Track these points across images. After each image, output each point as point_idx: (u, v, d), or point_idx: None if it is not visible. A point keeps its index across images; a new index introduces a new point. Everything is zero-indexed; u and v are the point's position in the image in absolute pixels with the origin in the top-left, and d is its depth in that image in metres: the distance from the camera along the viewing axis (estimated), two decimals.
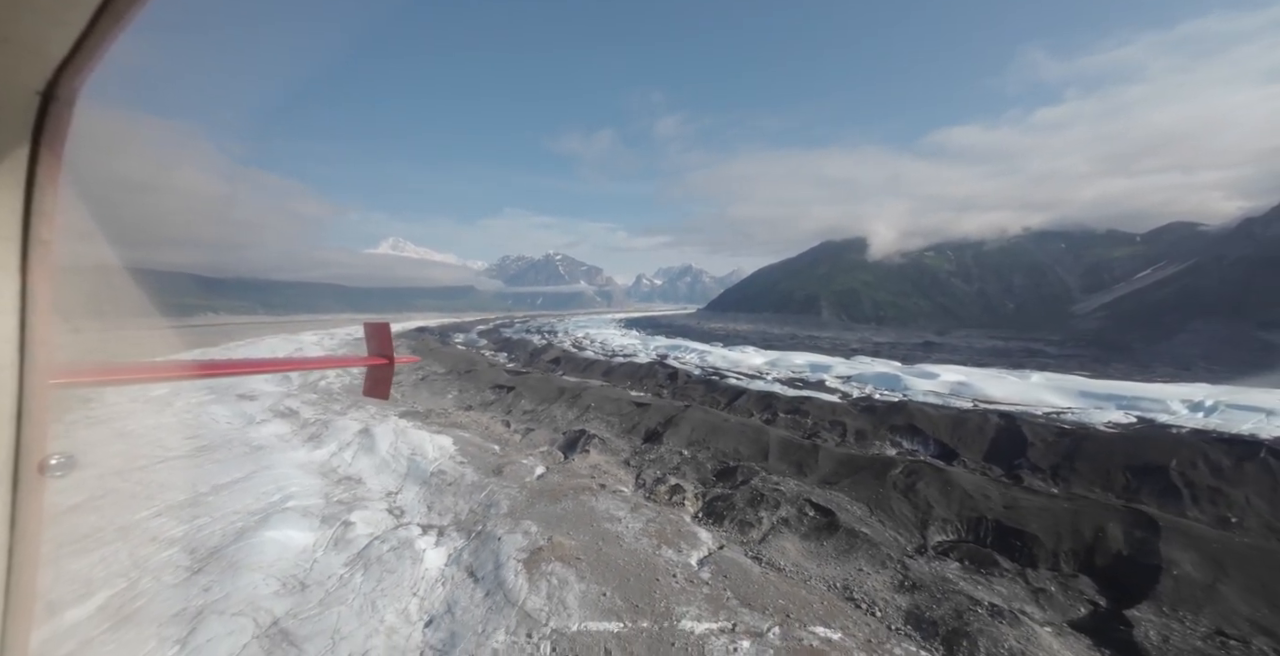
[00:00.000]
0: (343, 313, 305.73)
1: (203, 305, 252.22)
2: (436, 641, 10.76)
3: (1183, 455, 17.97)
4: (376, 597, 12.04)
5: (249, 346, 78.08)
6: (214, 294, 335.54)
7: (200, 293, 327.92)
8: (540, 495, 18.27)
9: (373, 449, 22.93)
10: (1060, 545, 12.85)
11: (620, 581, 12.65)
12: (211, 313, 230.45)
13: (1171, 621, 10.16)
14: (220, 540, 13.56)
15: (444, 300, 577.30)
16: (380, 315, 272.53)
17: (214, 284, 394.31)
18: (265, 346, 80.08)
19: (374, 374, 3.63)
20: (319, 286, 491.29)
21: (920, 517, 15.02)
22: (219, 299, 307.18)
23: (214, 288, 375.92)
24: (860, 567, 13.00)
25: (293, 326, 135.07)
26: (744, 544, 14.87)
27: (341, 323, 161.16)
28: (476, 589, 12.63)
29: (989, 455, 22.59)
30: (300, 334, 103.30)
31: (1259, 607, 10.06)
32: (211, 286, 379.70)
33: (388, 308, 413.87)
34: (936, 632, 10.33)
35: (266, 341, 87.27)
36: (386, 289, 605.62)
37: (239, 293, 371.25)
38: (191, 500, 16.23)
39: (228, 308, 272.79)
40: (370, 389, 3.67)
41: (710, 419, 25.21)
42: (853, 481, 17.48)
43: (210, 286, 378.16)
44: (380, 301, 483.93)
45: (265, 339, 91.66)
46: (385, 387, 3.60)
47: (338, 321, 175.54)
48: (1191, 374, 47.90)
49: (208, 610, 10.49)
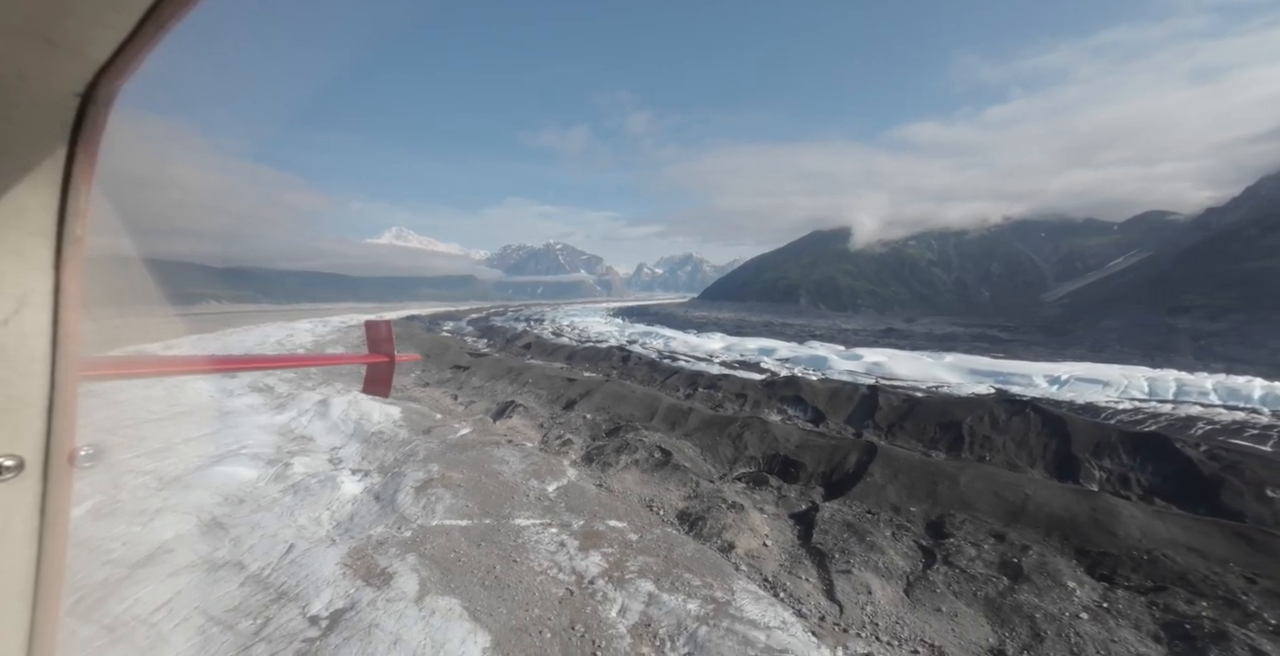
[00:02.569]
0: (343, 301, 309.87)
1: (206, 294, 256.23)
2: (335, 533, 14.80)
3: (976, 413, 21.88)
4: (296, 509, 16.07)
5: (244, 333, 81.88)
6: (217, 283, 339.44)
7: (203, 282, 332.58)
8: (454, 447, 22.28)
9: (326, 415, 26.97)
10: (817, 468, 16.84)
11: (483, 498, 16.68)
12: (215, 301, 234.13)
13: (844, 506, 14.15)
14: (181, 472, 17.65)
15: (445, 289, 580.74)
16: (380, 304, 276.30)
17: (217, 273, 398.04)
18: (260, 333, 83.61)
19: (375, 371, 3.60)
20: (320, 276, 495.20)
21: (735, 456, 19.02)
22: (222, 288, 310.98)
23: (217, 277, 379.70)
24: (669, 488, 17.02)
25: (291, 315, 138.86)
26: (597, 477, 18.89)
27: (339, 311, 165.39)
28: (375, 505, 16.66)
29: (849, 418, 26.54)
30: (296, 322, 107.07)
31: (904, 497, 14.03)
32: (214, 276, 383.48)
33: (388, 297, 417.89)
34: (687, 521, 14.37)
35: (262, 329, 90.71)
36: (387, 278, 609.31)
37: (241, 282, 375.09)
38: (164, 447, 20.32)
39: (230, 296, 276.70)
40: (371, 386, 3.63)
41: (620, 390, 29.19)
42: (702, 433, 21.46)
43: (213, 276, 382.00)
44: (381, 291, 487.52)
45: (261, 327, 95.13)
46: (386, 386, 3.57)
47: (335, 310, 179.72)
48: (1102, 355, 51.60)
49: (164, 510, 14.57)
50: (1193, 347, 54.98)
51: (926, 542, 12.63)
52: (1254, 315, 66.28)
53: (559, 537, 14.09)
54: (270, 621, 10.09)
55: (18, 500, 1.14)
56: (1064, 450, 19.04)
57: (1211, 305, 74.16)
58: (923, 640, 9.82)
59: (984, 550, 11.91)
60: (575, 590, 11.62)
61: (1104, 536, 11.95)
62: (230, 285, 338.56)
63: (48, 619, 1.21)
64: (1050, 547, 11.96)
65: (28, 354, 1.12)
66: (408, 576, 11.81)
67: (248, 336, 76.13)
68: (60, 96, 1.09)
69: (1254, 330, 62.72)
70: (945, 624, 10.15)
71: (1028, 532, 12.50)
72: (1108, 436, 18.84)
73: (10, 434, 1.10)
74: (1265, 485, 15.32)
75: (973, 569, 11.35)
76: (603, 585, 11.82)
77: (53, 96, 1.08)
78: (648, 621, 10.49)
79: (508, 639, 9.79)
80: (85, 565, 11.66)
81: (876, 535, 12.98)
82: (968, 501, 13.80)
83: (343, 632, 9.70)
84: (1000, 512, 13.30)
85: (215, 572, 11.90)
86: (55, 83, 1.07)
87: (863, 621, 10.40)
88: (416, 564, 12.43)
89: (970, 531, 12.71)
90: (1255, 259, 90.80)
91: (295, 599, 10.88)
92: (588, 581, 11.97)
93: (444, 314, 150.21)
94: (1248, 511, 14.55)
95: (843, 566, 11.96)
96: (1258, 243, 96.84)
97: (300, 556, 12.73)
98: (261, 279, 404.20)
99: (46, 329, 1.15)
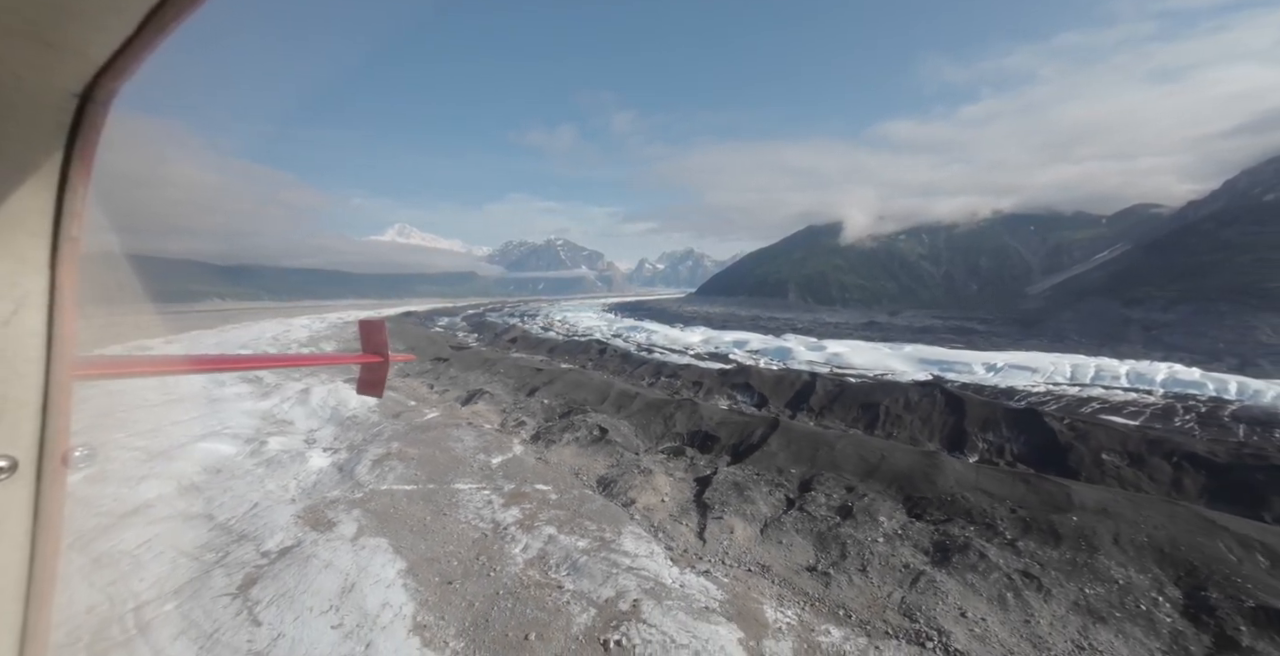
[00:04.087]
0: (344, 298, 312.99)
1: (210, 291, 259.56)
2: (297, 495, 17.06)
3: (892, 396, 24.05)
4: (266, 478, 18.35)
5: (242, 329, 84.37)
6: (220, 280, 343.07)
7: (207, 279, 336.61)
8: (418, 429, 24.54)
9: (307, 402, 29.30)
10: (729, 440, 19.05)
11: (432, 469, 18.94)
12: (218, 299, 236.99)
13: (740, 470, 16.38)
14: (167, 448, 19.96)
15: (445, 286, 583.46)
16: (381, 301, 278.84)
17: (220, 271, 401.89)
18: (257, 329, 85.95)
19: (368, 372, 3.60)
20: (321, 273, 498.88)
21: (664, 432, 21.24)
22: (225, 285, 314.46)
23: (220, 274, 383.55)
24: (597, 459, 19.24)
25: (290, 312, 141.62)
26: (539, 452, 21.11)
27: (338, 308, 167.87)
28: (337, 475, 18.92)
29: (789, 402, 28.72)
30: (295, 318, 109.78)
31: (789, 461, 16.28)
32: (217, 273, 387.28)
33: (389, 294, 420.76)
34: (604, 484, 16.61)
35: (260, 325, 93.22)
36: (389, 275, 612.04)
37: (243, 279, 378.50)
38: (154, 429, 22.64)
39: (233, 294, 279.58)
40: (364, 387, 3.62)
41: (580, 378, 31.42)
42: (641, 414, 23.68)
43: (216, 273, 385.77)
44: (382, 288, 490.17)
45: (260, 323, 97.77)
46: (380, 386, 3.55)
47: (335, 307, 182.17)
48: (1060, 345, 53.59)
49: (149, 477, 16.88)
50: (1143, 337, 57.09)
51: (793, 495, 14.84)
52: (1201, 306, 68.37)
53: (489, 497, 16.35)
54: (230, 554, 12.38)
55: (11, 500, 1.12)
56: (959, 426, 21.18)
57: (1164, 297, 76.45)
58: (758, 563, 12.06)
59: (832, 498, 14.11)
60: (489, 533, 13.87)
61: (928, 485, 14.13)
62: (232, 282, 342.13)
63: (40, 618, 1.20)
64: (884, 495, 14.14)
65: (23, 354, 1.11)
66: (349, 524, 14.09)
67: (245, 332, 78.56)
68: (58, 97, 1.08)
69: (1198, 320, 64.81)
70: (781, 551, 12.37)
71: (874, 485, 14.69)
72: (994, 413, 20.98)
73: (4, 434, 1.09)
74: (1102, 450, 17.53)
75: (817, 512, 13.55)
76: (514, 530, 14.06)
77: (51, 97, 1.07)
78: (542, 554, 12.73)
79: (421, 565, 12.05)
80: (80, 516, 13.96)
81: (755, 491, 15.19)
82: (837, 463, 15.99)
83: (286, 561, 11.98)
84: (859, 471, 15.49)
85: (189, 522, 14.20)
86: (54, 83, 1.06)
87: (717, 552, 12.62)
88: (359, 516, 14.71)
89: (830, 485, 14.89)
90: (1209, 252, 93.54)
91: (252, 540, 13.16)
92: (502, 528, 14.22)
93: (441, 310, 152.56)
94: (1084, 470, 16.75)
95: (718, 514, 14.18)
96: (1213, 236, 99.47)
97: (262, 511, 15.02)
98: (263, 276, 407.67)
99: (41, 329, 1.14)
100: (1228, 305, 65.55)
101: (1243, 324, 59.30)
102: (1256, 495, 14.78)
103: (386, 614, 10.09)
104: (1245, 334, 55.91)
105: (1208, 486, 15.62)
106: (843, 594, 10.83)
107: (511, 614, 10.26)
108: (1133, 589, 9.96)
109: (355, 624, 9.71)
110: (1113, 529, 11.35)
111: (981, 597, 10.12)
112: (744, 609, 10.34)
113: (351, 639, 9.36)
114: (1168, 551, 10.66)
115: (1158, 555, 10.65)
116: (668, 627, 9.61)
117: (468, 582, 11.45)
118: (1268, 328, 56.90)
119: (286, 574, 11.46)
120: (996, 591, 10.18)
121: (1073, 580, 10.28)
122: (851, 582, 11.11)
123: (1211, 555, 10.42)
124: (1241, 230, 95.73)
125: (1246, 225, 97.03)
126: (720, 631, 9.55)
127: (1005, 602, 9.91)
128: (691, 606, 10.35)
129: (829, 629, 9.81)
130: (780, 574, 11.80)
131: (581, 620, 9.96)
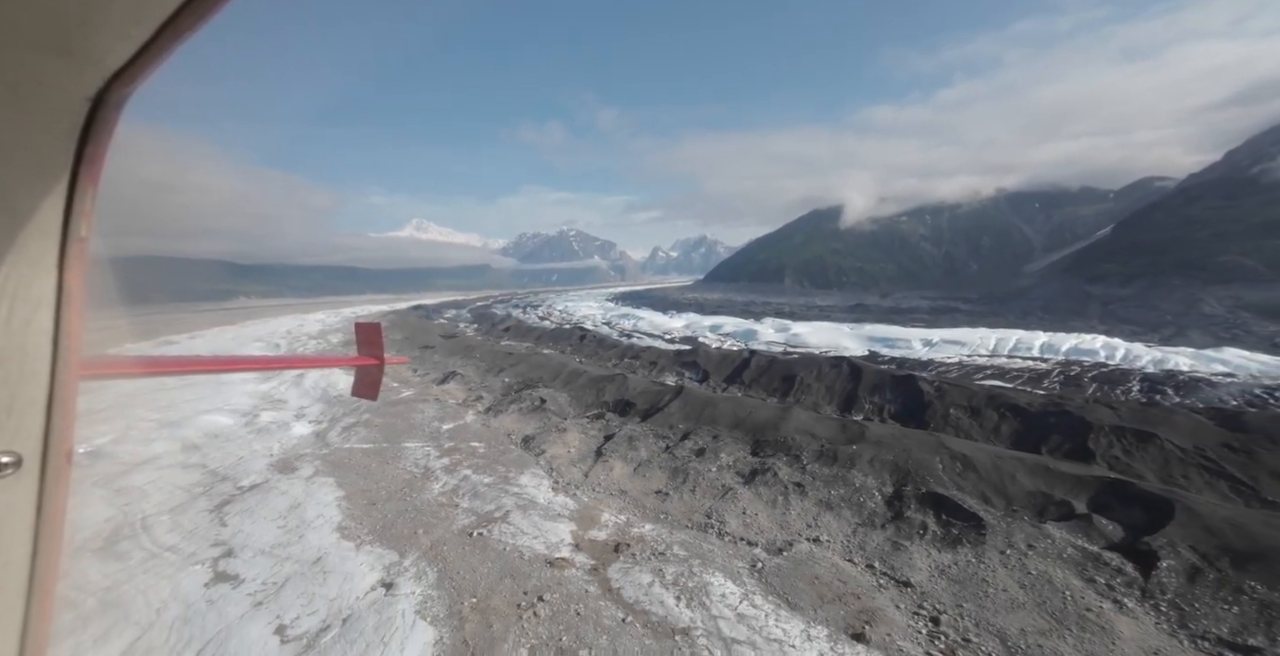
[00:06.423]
0: (362, 294, 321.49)
1: (236, 290, 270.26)
2: (279, 453, 20.81)
3: (808, 368, 26.95)
4: (255, 441, 22.15)
5: (261, 324, 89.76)
6: (245, 279, 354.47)
7: (232, 278, 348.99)
8: (390, 404, 28.22)
9: (301, 384, 33.25)
10: (642, 406, 22.29)
11: (390, 432, 22.54)
12: (244, 297, 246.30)
13: (640, 427, 19.62)
14: (176, 419, 23.91)
15: (460, 279, 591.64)
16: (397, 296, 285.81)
17: (245, 270, 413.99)
18: (275, 324, 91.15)
19: (364, 374, 3.63)
20: (340, 269, 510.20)
21: (594, 401, 24.53)
22: (250, 284, 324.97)
23: (245, 273, 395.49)
24: (529, 423, 22.65)
25: (309, 308, 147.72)
26: (486, 420, 24.59)
27: (356, 303, 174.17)
28: (314, 440, 22.66)
29: (728, 377, 31.77)
30: (311, 314, 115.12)
31: (680, 419, 19.53)
32: (243, 272, 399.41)
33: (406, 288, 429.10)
34: (526, 441, 20.02)
35: (279, 320, 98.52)
36: (406, 270, 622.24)
37: (266, 278, 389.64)
38: (169, 405, 26.67)
39: (258, 292, 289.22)
40: (360, 389, 3.67)
41: (540, 359, 34.86)
42: (581, 387, 27.00)
43: (242, 272, 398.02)
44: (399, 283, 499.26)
45: (279, 318, 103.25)
46: (375, 389, 3.59)
47: (353, 302, 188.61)
48: (1025, 322, 55.38)
49: (158, 439, 20.78)
50: (1100, 312, 58.32)
51: (672, 444, 18.04)
52: (1156, 281, 69.00)
53: (429, 451, 19.88)
54: (213, 488, 16.08)
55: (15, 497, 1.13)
56: (854, 391, 24.01)
57: (1123, 273, 77.05)
58: (619, 489, 15.38)
59: (697, 443, 17.26)
60: (419, 475, 17.38)
61: (773, 431, 17.15)
62: (257, 281, 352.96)
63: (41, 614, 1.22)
64: (740, 441, 17.24)
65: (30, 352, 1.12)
66: (308, 469, 17.74)
67: (262, 327, 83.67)
68: (73, 101, 1.10)
69: (1151, 295, 65.50)
70: (641, 481, 15.63)
71: (736, 433, 17.79)
72: (883, 380, 23.73)
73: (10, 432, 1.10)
74: (952, 406, 20.33)
75: (680, 454, 16.73)
76: (439, 473, 17.55)
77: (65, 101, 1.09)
78: (455, 488, 16.18)
79: (355, 494, 15.59)
80: (101, 466, 17.82)
81: (643, 442, 18.43)
82: (716, 419, 19.08)
83: (255, 492, 15.64)
84: (730, 424, 18.57)
85: (186, 469, 18.00)
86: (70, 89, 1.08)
87: (593, 483, 15.94)
88: (319, 464, 18.35)
89: (703, 435, 18.04)
90: (1176, 228, 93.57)
91: (232, 480, 16.87)
92: (431, 472, 17.72)
93: (450, 303, 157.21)
94: (933, 422, 19.66)
95: (605, 459, 17.46)
96: (1179, 212, 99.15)
97: (244, 462, 18.77)
98: (284, 274, 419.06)
99: (49, 328, 1.15)
100: (1180, 279, 66.51)
101: (1191, 297, 60.16)
102: (1046, 433, 17.59)
103: (319, 521, 13.64)
104: (1192, 306, 56.88)
105: (1018, 429, 18.43)
106: (670, 505, 14.08)
107: (413, 522, 13.74)
108: (863, 490, 13.02)
109: (295, 525, 13.28)
110: (873, 452, 14.37)
111: (762, 501, 13.27)
112: (587, 515, 13.66)
113: (291, 534, 12.92)
114: (900, 465, 13.65)
115: (892, 468, 13.66)
116: (522, 525, 12.98)
117: (389, 504, 14.96)
118: (1212, 299, 57.90)
119: (252, 498, 15.11)
120: (774, 496, 13.33)
121: (830, 487, 13.38)
122: (681, 499, 14.36)
123: (925, 465, 13.44)
124: (1206, 205, 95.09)
125: (1213, 200, 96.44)
126: (559, 527, 12.90)
127: (775, 503, 13.06)
128: (548, 514, 13.71)
129: (645, 524, 13.09)
130: (633, 496, 15.08)
131: (461, 522, 13.40)
